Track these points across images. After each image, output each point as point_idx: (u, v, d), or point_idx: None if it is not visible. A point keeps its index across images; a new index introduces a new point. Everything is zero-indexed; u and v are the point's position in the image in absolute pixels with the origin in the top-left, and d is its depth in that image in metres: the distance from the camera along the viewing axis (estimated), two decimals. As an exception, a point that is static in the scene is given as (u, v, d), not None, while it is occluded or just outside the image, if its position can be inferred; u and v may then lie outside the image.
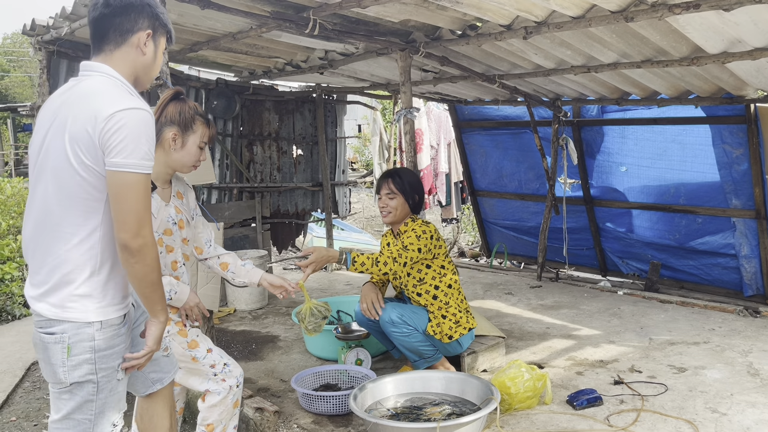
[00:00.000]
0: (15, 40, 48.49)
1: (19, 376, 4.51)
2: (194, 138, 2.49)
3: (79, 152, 1.79)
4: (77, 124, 1.79)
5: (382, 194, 3.54)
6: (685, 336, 4.38)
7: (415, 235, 3.40)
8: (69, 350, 1.84)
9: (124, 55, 1.91)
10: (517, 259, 7.59)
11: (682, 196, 5.72)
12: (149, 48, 1.95)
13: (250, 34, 4.16)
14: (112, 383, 1.93)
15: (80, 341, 1.85)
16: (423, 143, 8.33)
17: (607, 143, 6.13)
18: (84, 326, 1.85)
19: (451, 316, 3.49)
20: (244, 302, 5.53)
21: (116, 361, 1.93)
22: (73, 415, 1.89)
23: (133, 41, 1.92)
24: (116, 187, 1.79)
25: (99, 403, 1.90)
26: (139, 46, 1.93)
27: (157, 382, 2.26)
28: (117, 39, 1.90)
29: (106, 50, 1.91)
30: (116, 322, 1.92)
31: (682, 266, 5.93)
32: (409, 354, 3.45)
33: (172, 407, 2.37)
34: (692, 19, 3.33)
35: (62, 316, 1.84)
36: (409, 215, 3.55)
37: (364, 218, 15.58)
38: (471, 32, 4.12)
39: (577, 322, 4.80)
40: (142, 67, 1.96)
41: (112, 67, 1.89)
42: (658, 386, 3.46)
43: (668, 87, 4.95)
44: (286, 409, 3.34)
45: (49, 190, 1.85)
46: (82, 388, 1.87)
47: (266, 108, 6.78)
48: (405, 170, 3.69)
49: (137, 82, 1.98)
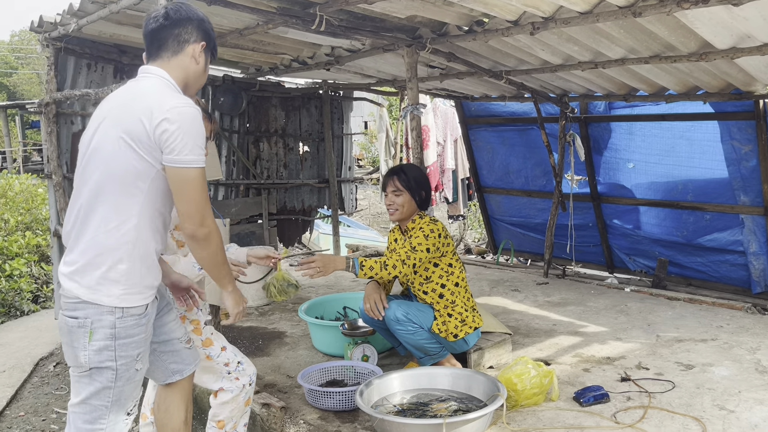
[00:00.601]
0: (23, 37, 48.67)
1: (28, 371, 4.54)
2: None
3: (132, 142, 1.91)
4: (133, 117, 1.92)
5: (388, 191, 3.52)
6: (693, 333, 4.36)
7: (423, 235, 3.37)
8: (91, 335, 1.92)
9: (180, 63, 2.09)
10: (523, 256, 7.57)
11: (690, 192, 5.69)
12: (202, 58, 2.14)
13: (257, 31, 4.16)
14: (130, 372, 1.99)
15: (102, 327, 1.92)
16: (429, 140, 8.32)
17: (614, 140, 6.10)
18: (106, 313, 1.92)
19: (456, 314, 3.47)
20: (250, 298, 5.54)
21: (136, 350, 1.99)
22: (91, 401, 1.96)
23: (189, 51, 2.10)
24: (177, 183, 1.94)
25: (116, 391, 1.97)
26: (194, 55, 2.11)
27: (176, 373, 2.31)
28: (175, 48, 2.08)
29: (164, 57, 2.08)
30: (137, 312, 1.98)
31: (690, 263, 5.90)
32: (415, 351, 3.45)
33: (189, 400, 2.42)
34: (701, 14, 3.31)
35: (89, 297, 1.92)
36: (417, 212, 3.53)
37: (371, 215, 15.58)
38: (478, 28, 4.11)
39: (584, 319, 4.79)
40: (194, 75, 2.14)
41: (168, 72, 2.06)
42: (666, 383, 3.45)
43: (676, 83, 4.92)
44: (293, 405, 3.35)
45: (94, 178, 1.96)
46: (101, 373, 1.95)
47: (273, 104, 6.78)
48: (410, 166, 3.67)
49: (186, 89, 2.13)
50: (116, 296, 1.93)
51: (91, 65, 4.84)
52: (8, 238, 7.59)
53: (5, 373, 4.51)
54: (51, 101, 4.51)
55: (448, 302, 3.48)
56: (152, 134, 1.90)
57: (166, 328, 2.26)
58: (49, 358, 4.83)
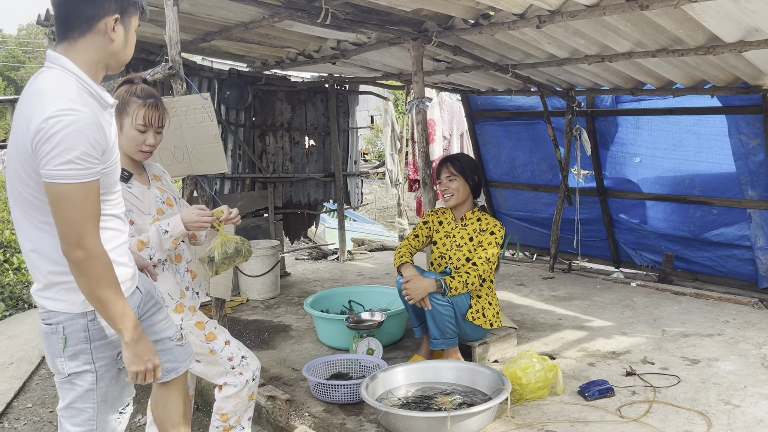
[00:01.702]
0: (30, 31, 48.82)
1: (35, 363, 4.58)
2: (128, 120, 2.39)
3: (21, 161, 1.72)
4: (17, 129, 1.72)
5: (443, 178, 3.74)
6: (699, 328, 4.35)
7: (495, 242, 3.61)
8: (65, 341, 1.84)
9: (88, 44, 1.78)
10: (529, 251, 7.56)
11: (697, 187, 5.67)
12: (118, 33, 1.81)
13: (263, 24, 4.15)
14: (112, 372, 1.92)
15: (75, 332, 1.84)
16: (435, 134, 8.31)
17: (621, 134, 6.07)
18: (77, 317, 1.84)
19: (495, 305, 3.74)
20: (256, 292, 5.56)
21: (114, 350, 1.91)
22: (76, 404, 1.89)
23: (100, 28, 1.77)
24: (50, 199, 1.70)
25: (101, 392, 1.90)
26: (107, 32, 1.78)
27: (171, 372, 2.27)
28: (82, 26, 1.76)
29: (70, 38, 1.77)
30: None
31: (697, 258, 5.88)
32: (434, 330, 3.46)
33: (186, 395, 2.40)
34: (708, 7, 3.28)
35: (55, 307, 1.84)
36: (470, 197, 3.73)
37: (376, 209, 15.59)
38: (484, 21, 4.09)
39: (589, 314, 4.78)
40: (110, 55, 1.82)
41: (72, 60, 1.76)
42: (671, 378, 3.44)
43: (684, 76, 4.89)
44: (298, 398, 3.37)
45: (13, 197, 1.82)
46: (81, 378, 1.87)
47: (278, 98, 6.78)
48: (463, 155, 3.92)
49: (108, 69, 1.86)
50: (81, 302, 1.82)
51: (98, 59, 4.84)
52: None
53: (13, 365, 4.55)
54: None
55: (492, 291, 3.73)
56: (30, 147, 1.67)
57: (157, 328, 2.20)
58: (57, 351, 4.86)
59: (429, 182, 4.61)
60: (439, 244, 3.76)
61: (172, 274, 2.60)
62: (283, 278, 6.16)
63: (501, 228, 3.65)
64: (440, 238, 3.76)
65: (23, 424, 3.70)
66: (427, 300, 3.40)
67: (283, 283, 6.00)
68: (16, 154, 1.75)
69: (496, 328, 3.75)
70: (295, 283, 6.19)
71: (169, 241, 2.46)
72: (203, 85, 6.06)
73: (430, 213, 3.91)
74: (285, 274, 6.41)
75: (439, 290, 3.39)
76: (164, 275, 2.57)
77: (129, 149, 2.44)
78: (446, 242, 3.73)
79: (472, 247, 3.64)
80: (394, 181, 8.36)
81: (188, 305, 2.64)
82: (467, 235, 3.68)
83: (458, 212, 3.77)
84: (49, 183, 1.67)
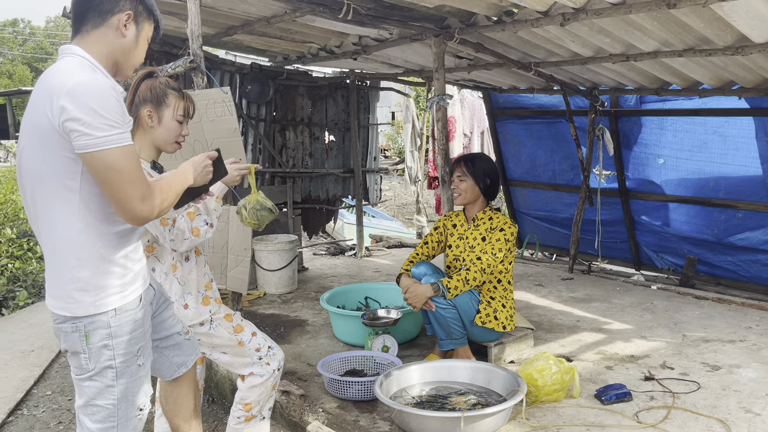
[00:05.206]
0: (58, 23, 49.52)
1: (56, 351, 4.64)
2: (169, 112, 2.41)
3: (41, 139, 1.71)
4: (36, 110, 1.71)
5: (454, 176, 3.73)
6: (721, 333, 4.27)
7: (504, 239, 3.56)
8: (87, 338, 1.83)
9: (101, 36, 1.83)
10: (549, 251, 7.49)
11: (722, 190, 5.56)
12: (130, 30, 1.86)
13: (284, 19, 4.16)
14: (132, 368, 1.92)
15: (96, 329, 1.84)
16: (456, 131, 8.26)
17: (644, 134, 5.99)
18: (98, 315, 1.84)
19: (509, 308, 3.68)
20: (273, 286, 5.58)
21: (135, 346, 1.92)
22: (96, 401, 1.89)
23: (113, 22, 1.83)
24: (95, 169, 1.69)
25: (120, 389, 1.90)
26: (119, 27, 1.84)
27: (181, 366, 2.29)
28: (96, 19, 1.82)
29: (83, 31, 1.83)
30: (131, 307, 1.90)
31: (720, 262, 5.78)
32: (439, 331, 3.47)
33: (196, 388, 2.41)
34: (737, 6, 3.21)
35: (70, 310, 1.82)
36: (482, 198, 3.69)
37: (396, 206, 15.57)
38: (507, 18, 4.05)
39: (608, 316, 4.72)
40: (121, 50, 1.86)
41: (84, 49, 1.80)
42: (690, 384, 3.38)
43: (711, 77, 4.79)
44: (312, 393, 3.37)
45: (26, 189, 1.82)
46: (101, 375, 1.87)
47: (299, 93, 6.79)
48: (480, 155, 3.84)
49: (117, 69, 1.90)
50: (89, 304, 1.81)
51: (121, 51, 4.88)
52: (40, 220, 7.76)
53: (34, 353, 4.62)
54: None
55: (507, 293, 3.68)
56: (57, 124, 1.66)
57: (166, 324, 2.22)
58: (77, 339, 4.92)
59: (448, 180, 4.57)
60: (453, 246, 3.74)
61: (200, 266, 2.63)
62: (300, 273, 6.18)
63: (512, 225, 3.61)
64: (455, 241, 3.75)
65: (42, 411, 3.76)
66: (430, 303, 3.42)
67: (301, 278, 6.02)
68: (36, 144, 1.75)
69: (509, 331, 3.70)
70: (312, 278, 6.20)
71: (212, 201, 2.54)
72: (225, 79, 6.09)
73: (442, 218, 3.91)
74: (303, 269, 6.42)
75: (437, 293, 3.39)
76: (192, 268, 2.60)
77: (167, 140, 2.44)
78: (460, 244, 3.71)
79: (484, 246, 3.61)
80: (413, 178, 8.34)
81: (213, 297, 2.67)
82: (479, 235, 3.65)
83: (469, 212, 3.75)
84: (90, 153, 1.66)
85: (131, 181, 1.71)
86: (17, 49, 47.54)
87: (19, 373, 4.24)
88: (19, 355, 4.57)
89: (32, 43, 48.50)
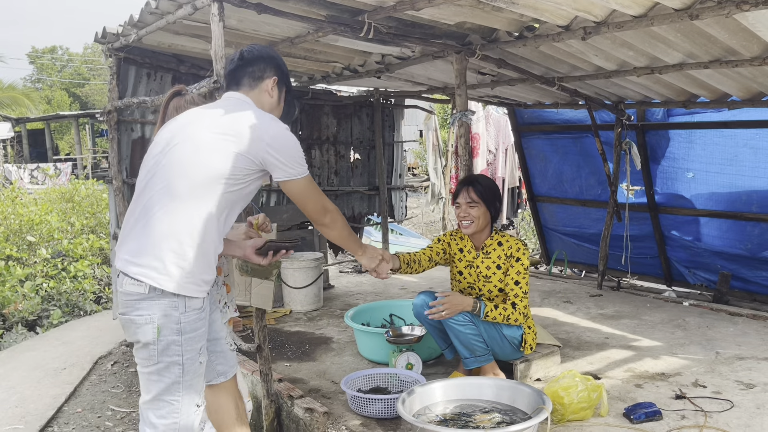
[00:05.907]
0: (95, 50, 50.93)
1: (87, 369, 4.72)
2: None
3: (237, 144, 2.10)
4: (239, 125, 2.13)
5: (462, 202, 3.48)
6: (756, 351, 4.14)
7: (523, 269, 3.46)
8: (158, 331, 1.98)
9: (255, 97, 2.31)
10: (577, 267, 7.38)
11: (755, 203, 5.43)
12: (275, 92, 2.36)
13: (308, 39, 4.22)
14: (195, 365, 2.07)
15: (168, 324, 1.99)
16: (479, 148, 8.25)
17: (672, 148, 5.89)
18: (170, 308, 1.99)
19: (533, 329, 3.64)
20: (299, 304, 5.60)
21: (199, 343, 2.07)
22: (163, 396, 2.03)
23: (264, 86, 2.32)
24: (294, 192, 2.26)
25: (185, 385, 2.04)
26: (268, 90, 2.34)
27: (221, 375, 2.41)
28: (251, 83, 2.31)
29: (242, 91, 2.31)
30: (197, 305, 2.06)
31: (755, 277, 5.62)
32: (462, 349, 3.41)
33: (237, 397, 2.50)
34: (762, 16, 3.16)
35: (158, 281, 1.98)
36: (489, 224, 3.54)
37: (423, 223, 15.53)
38: (528, 34, 4.04)
39: (638, 333, 4.63)
40: (269, 108, 2.33)
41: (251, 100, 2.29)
42: (724, 402, 3.29)
43: (739, 88, 4.71)
44: (336, 411, 3.36)
45: (165, 179, 2.09)
46: (169, 370, 2.01)
47: (325, 112, 6.87)
48: (483, 177, 3.67)
49: None
50: (176, 282, 1.99)
51: (151, 74, 5.02)
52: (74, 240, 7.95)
53: (66, 371, 4.70)
54: (113, 109, 4.70)
55: (528, 312, 3.57)
56: (256, 151, 2.11)
57: (216, 326, 2.36)
58: (108, 357, 5.01)
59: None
60: (465, 273, 3.60)
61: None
62: (326, 290, 6.20)
63: (525, 250, 3.48)
64: (464, 267, 3.60)
65: (72, 428, 3.82)
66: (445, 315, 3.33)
67: (326, 296, 6.04)
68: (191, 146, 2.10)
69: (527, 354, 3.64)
70: (338, 295, 6.22)
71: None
72: (251, 99, 6.17)
73: (448, 234, 3.70)
74: (328, 287, 6.44)
75: (474, 311, 3.35)
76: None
77: None
78: (471, 272, 3.56)
79: (501, 276, 3.49)
80: (436, 195, 8.33)
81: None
82: (493, 264, 3.51)
83: (477, 240, 3.56)
84: (290, 181, 2.22)
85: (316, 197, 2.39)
86: (56, 75, 49.10)
87: (51, 390, 4.33)
88: (52, 373, 4.66)
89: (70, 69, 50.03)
